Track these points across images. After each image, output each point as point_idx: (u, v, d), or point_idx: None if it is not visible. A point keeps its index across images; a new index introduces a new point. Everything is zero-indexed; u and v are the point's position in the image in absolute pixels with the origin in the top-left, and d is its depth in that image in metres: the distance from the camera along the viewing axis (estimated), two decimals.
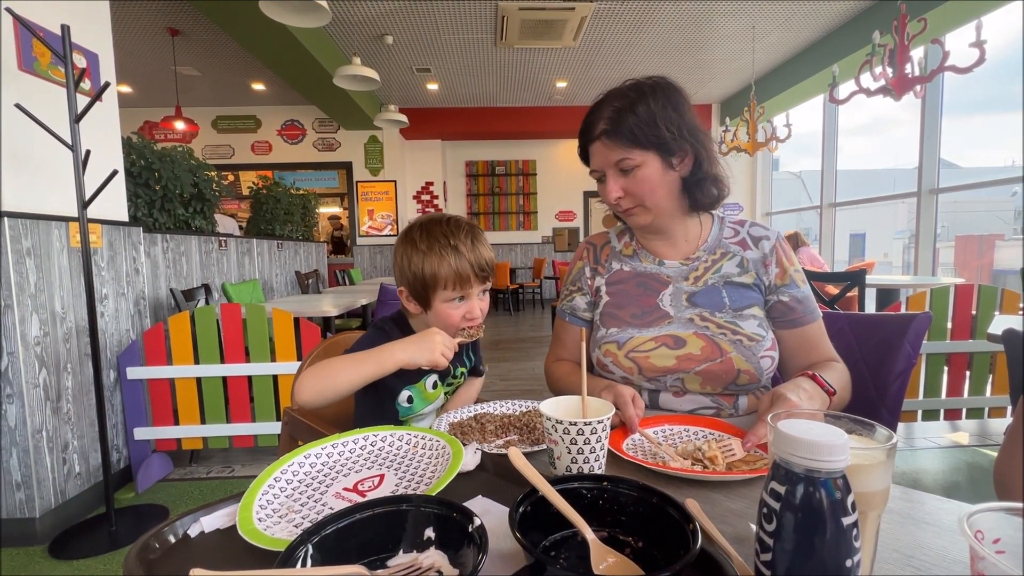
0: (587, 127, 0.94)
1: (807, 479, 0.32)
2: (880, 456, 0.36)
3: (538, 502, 0.47)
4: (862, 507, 0.36)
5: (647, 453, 0.71)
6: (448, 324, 0.88)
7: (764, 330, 0.90)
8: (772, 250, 0.95)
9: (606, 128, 0.90)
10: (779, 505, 0.33)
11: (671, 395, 0.92)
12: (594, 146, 0.93)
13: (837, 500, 0.31)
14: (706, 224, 1.01)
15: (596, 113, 0.93)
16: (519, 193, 8.83)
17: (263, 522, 0.50)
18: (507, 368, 4.35)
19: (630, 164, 0.89)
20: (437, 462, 0.61)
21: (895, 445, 0.36)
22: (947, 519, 0.53)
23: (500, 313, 7.85)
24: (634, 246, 1.03)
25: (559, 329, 1.08)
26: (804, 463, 0.32)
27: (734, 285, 0.94)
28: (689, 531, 0.41)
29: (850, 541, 0.31)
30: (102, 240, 2.15)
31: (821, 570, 0.32)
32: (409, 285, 0.89)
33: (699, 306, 0.93)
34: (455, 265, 0.84)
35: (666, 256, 0.99)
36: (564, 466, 0.59)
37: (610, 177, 0.92)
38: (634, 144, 0.88)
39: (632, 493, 0.48)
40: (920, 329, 1.03)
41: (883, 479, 0.36)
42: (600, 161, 0.93)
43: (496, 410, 0.90)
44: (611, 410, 0.61)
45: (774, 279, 0.94)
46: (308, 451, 0.64)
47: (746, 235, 0.98)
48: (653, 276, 0.98)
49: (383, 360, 0.77)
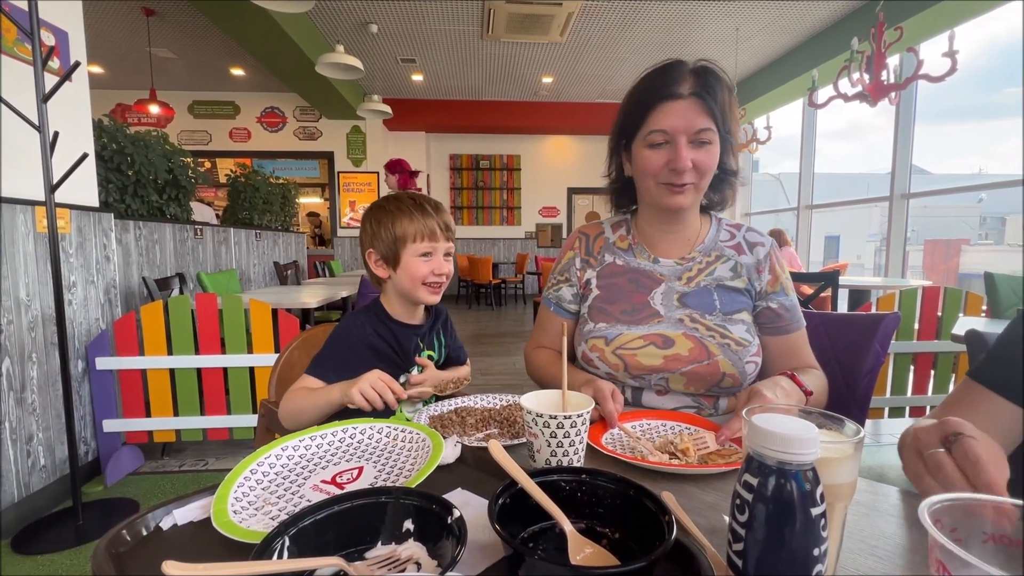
0: (667, 82, 0.85)
1: (779, 471, 0.33)
2: (848, 450, 0.37)
3: (517, 494, 0.47)
4: (830, 498, 0.37)
5: (625, 447, 0.72)
6: (416, 277, 0.94)
7: (751, 335, 0.91)
8: (766, 257, 0.95)
9: (698, 91, 0.84)
10: (751, 496, 0.34)
11: (654, 394, 0.93)
12: (675, 104, 0.84)
13: (807, 491, 0.32)
14: (704, 225, 1.01)
15: (675, 72, 0.86)
16: (503, 188, 8.81)
17: (238, 515, 0.50)
18: (489, 363, 4.35)
19: (709, 137, 0.85)
20: (417, 455, 0.61)
21: (862, 439, 0.38)
22: (909, 511, 0.55)
23: (482, 308, 7.85)
24: (630, 240, 1.02)
25: (543, 317, 1.08)
26: (776, 456, 0.33)
27: (726, 289, 0.94)
28: (665, 522, 0.42)
29: (818, 531, 0.32)
30: (70, 226, 2.08)
31: (789, 559, 0.33)
32: (380, 246, 0.96)
33: (690, 307, 0.93)
34: (422, 220, 0.93)
35: (662, 253, 0.98)
36: (544, 459, 0.59)
37: (682, 143, 0.84)
38: (717, 119, 0.85)
39: (610, 485, 0.49)
40: (889, 329, 1.07)
41: (851, 472, 0.37)
42: (676, 122, 0.84)
43: (477, 404, 0.90)
44: (591, 404, 0.61)
45: (766, 285, 0.94)
46: (285, 443, 0.63)
47: (742, 239, 0.98)
48: (646, 273, 0.97)
49: (331, 397, 0.83)
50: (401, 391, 0.83)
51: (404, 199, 0.95)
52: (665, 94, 0.84)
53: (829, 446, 0.36)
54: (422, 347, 1.00)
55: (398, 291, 0.98)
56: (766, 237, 0.98)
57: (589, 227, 1.08)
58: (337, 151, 7.60)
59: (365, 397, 0.79)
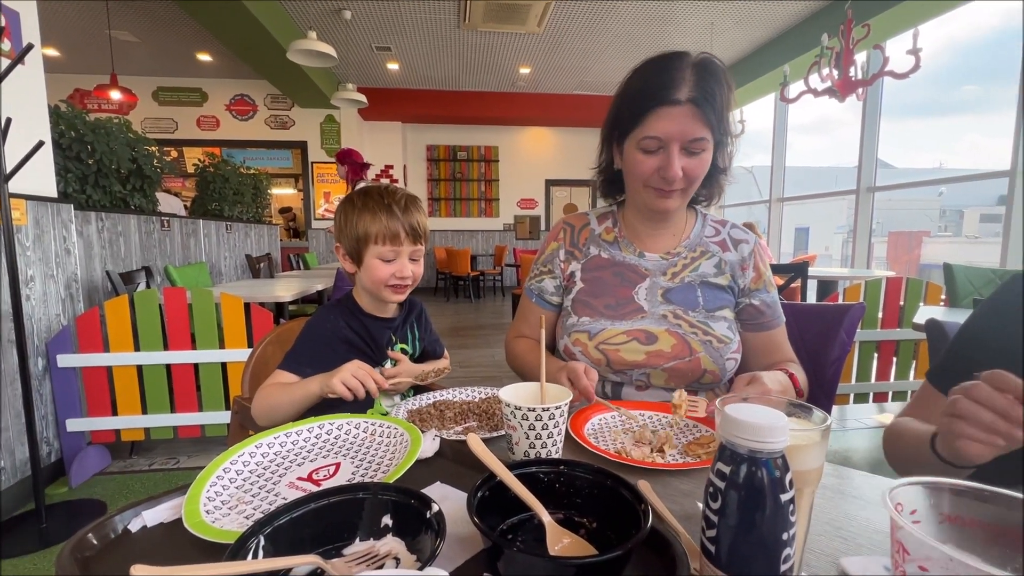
0: (665, 84, 0.81)
1: (750, 459, 0.34)
2: (816, 437, 0.38)
3: (496, 487, 0.47)
4: (798, 484, 0.38)
5: (608, 440, 0.72)
6: (376, 279, 0.93)
7: (733, 332, 0.92)
8: (751, 254, 0.96)
9: (696, 96, 0.80)
10: (724, 484, 0.35)
11: (634, 389, 0.94)
12: (672, 110, 0.81)
13: (777, 478, 0.33)
14: (690, 219, 1.01)
15: (675, 72, 0.81)
16: (481, 179, 8.76)
17: (211, 515, 0.49)
18: (467, 355, 4.35)
19: (703, 146, 0.83)
20: (395, 449, 0.60)
21: (829, 426, 0.39)
22: (872, 493, 0.57)
23: (461, 300, 7.82)
24: (616, 232, 1.01)
25: (524, 307, 1.07)
26: (748, 444, 0.34)
27: (709, 286, 0.94)
28: (641, 511, 0.42)
29: (787, 516, 0.33)
30: (27, 217, 1.98)
31: (760, 543, 0.34)
32: (346, 242, 0.94)
33: (673, 303, 0.93)
34: (386, 222, 0.90)
35: (648, 248, 0.98)
36: (522, 451, 0.60)
37: (675, 151, 0.82)
38: (712, 127, 0.82)
39: (587, 476, 0.50)
40: (854, 319, 1.10)
41: (818, 457, 0.38)
42: (671, 130, 0.81)
43: (456, 397, 0.90)
44: (569, 396, 0.62)
45: (749, 283, 0.95)
46: (260, 440, 0.62)
47: (727, 236, 0.99)
48: (632, 267, 0.97)
49: (308, 390, 0.82)
50: (383, 380, 0.82)
51: (374, 196, 0.92)
52: (663, 99, 0.81)
53: (797, 434, 0.37)
54: (395, 341, 0.99)
55: (365, 287, 0.97)
56: (750, 234, 0.99)
57: (574, 218, 1.07)
58: (311, 141, 7.43)
59: (347, 386, 0.78)
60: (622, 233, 1.01)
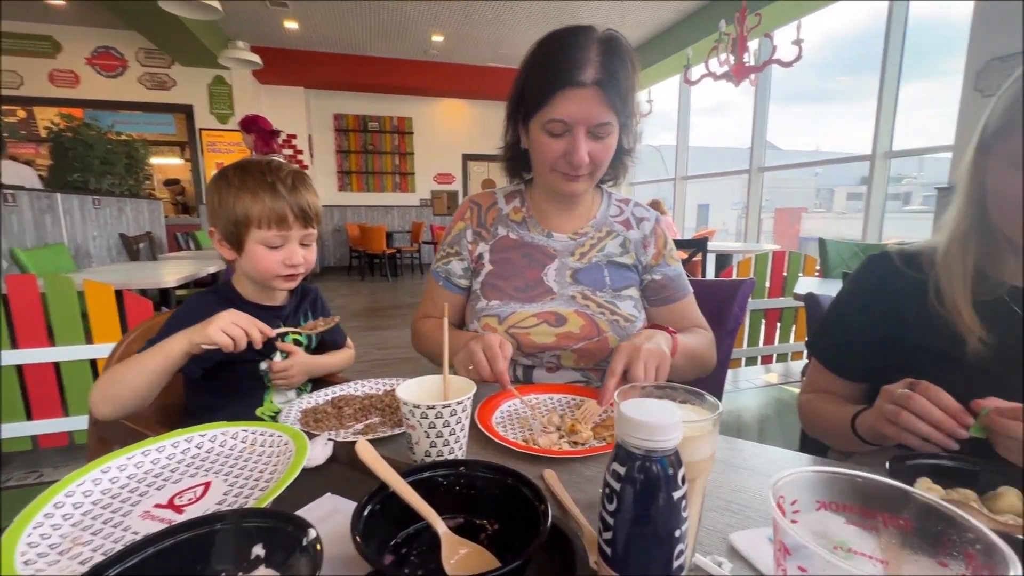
0: (571, 64, 0.77)
1: (645, 458, 0.33)
2: (708, 426, 0.38)
3: (391, 496, 0.44)
4: (691, 475, 0.38)
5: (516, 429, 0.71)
6: (263, 268, 0.83)
7: (638, 311, 0.94)
8: (652, 232, 0.98)
9: (601, 79, 0.78)
10: (619, 485, 0.33)
11: (545, 371, 0.93)
12: (577, 92, 0.78)
13: (671, 475, 0.33)
14: (596, 199, 1.00)
15: (581, 50, 0.78)
16: (394, 152, 8.39)
17: (31, 565, 0.40)
18: (384, 336, 4.21)
19: (608, 131, 0.82)
20: (277, 461, 0.54)
21: (720, 414, 0.39)
22: (760, 463, 0.61)
23: (377, 279, 7.54)
24: (524, 212, 0.99)
25: (431, 289, 1.03)
26: (643, 444, 0.32)
27: (615, 265, 0.95)
28: (540, 512, 0.41)
29: (680, 512, 0.33)
30: None
31: (654, 542, 0.33)
32: (222, 225, 0.83)
33: (582, 284, 0.93)
34: (270, 203, 0.80)
35: (556, 228, 0.97)
36: (423, 451, 0.56)
37: (581, 136, 0.80)
38: (617, 110, 0.80)
39: (488, 476, 0.47)
40: (746, 293, 1.18)
41: (710, 446, 0.39)
42: (577, 113, 0.79)
43: (357, 391, 0.84)
44: (472, 389, 0.58)
45: (650, 259, 0.97)
46: (108, 463, 0.52)
47: (630, 215, 1.00)
48: (540, 248, 0.96)
49: (169, 350, 0.71)
50: (268, 329, 0.74)
51: (253, 171, 0.81)
52: (568, 80, 0.77)
53: (691, 426, 0.37)
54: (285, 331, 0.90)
55: (248, 275, 0.86)
56: (651, 212, 1.01)
57: (481, 196, 1.03)
58: (197, 105, 6.62)
59: (228, 334, 0.69)
60: (530, 213, 0.99)
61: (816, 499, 0.31)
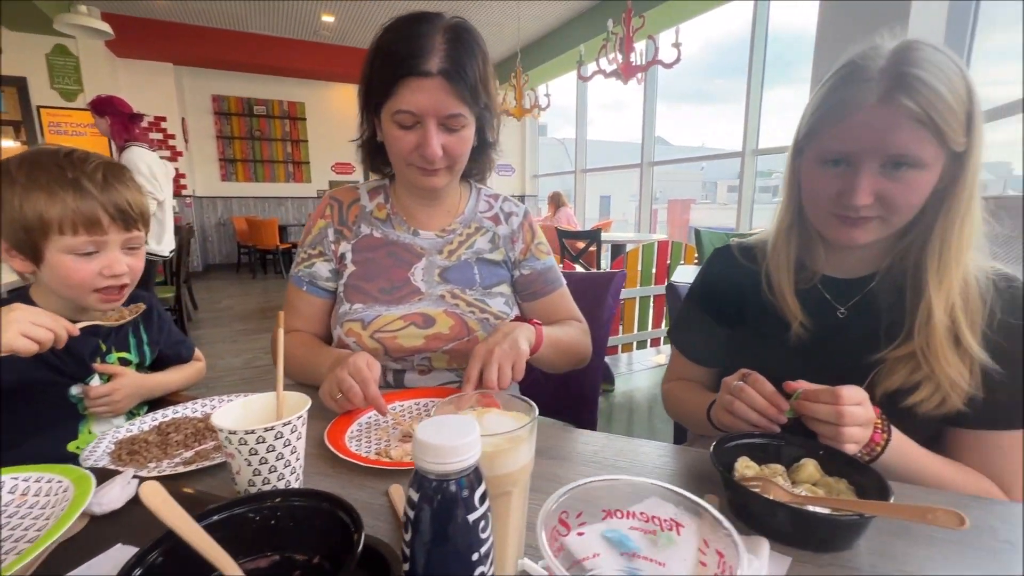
0: (413, 52, 0.74)
1: (440, 481, 0.31)
2: (523, 434, 0.37)
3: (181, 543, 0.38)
4: (505, 487, 0.37)
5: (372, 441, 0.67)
6: (74, 283, 0.71)
7: (510, 307, 0.93)
8: (520, 227, 0.97)
9: (447, 68, 0.74)
10: (414, 512, 0.31)
11: (417, 374, 0.90)
12: (422, 82, 0.74)
13: (465, 498, 0.31)
14: (464, 194, 0.98)
15: (424, 39, 0.74)
16: (286, 139, 7.77)
17: None
18: None
19: (461, 123, 0.78)
20: (51, 512, 0.45)
21: (535, 420, 0.38)
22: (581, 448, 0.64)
23: (270, 276, 7.00)
24: (388, 209, 0.94)
25: (293, 297, 0.93)
26: (435, 468, 0.30)
27: (485, 262, 0.94)
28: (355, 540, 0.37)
29: (478, 534, 0.31)
30: None
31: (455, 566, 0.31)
32: (7, 232, 0.69)
33: (451, 282, 0.90)
34: (74, 204, 0.68)
35: (422, 225, 0.93)
36: (245, 482, 0.50)
37: (432, 128, 0.77)
38: (468, 102, 0.77)
39: (304, 504, 0.43)
40: (618, 285, 1.24)
41: (525, 455, 0.38)
42: (425, 103, 0.75)
43: (195, 412, 0.74)
44: (306, 405, 0.53)
45: (518, 254, 0.96)
46: None
47: (499, 210, 0.98)
48: (406, 247, 0.91)
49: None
50: (72, 328, 0.64)
51: (47, 164, 0.68)
52: (412, 68, 0.74)
53: (498, 439, 0.35)
54: (105, 350, 0.78)
55: (54, 290, 0.73)
56: (520, 206, 1.00)
57: (342, 192, 0.96)
58: (32, 77, 5.61)
59: (32, 338, 0.58)
60: (395, 210, 0.94)
61: (601, 508, 0.31)
